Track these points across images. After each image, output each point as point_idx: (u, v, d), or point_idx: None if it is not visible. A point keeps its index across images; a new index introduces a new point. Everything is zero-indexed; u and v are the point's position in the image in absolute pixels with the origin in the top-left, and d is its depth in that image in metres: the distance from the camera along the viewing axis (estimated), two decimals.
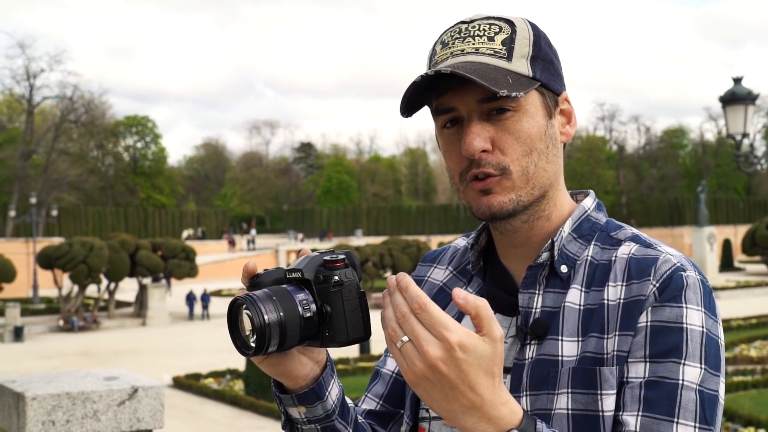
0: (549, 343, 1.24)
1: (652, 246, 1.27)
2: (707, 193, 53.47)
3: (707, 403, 1.16)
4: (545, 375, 1.22)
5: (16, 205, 63.84)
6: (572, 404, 1.20)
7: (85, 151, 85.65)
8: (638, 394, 1.17)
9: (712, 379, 1.18)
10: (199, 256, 50.80)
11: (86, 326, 37.39)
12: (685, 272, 1.21)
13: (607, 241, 1.30)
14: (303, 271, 1.15)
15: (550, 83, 1.28)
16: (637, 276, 1.23)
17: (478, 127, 1.24)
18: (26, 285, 49.02)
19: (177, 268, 42.54)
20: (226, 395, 20.32)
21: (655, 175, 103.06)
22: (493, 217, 1.27)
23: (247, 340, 1.11)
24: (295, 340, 1.11)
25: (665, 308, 1.19)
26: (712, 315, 1.21)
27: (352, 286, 1.15)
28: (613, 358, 1.19)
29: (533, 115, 1.26)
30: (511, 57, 1.25)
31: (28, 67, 75.53)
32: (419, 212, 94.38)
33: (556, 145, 1.30)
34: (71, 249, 37.41)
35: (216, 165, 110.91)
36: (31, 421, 2.97)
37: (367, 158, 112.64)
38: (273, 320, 1.09)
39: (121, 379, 3.20)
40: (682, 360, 1.16)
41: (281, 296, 1.11)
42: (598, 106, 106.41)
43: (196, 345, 30.54)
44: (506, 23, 1.28)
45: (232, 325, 1.13)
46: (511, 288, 1.33)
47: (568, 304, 1.26)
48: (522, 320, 1.28)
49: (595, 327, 1.22)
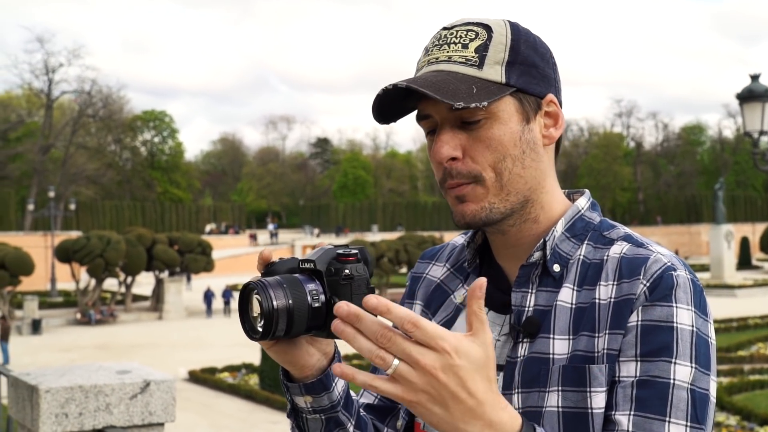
0: (540, 342, 1.25)
1: (643, 245, 1.27)
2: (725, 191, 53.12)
3: (698, 402, 1.17)
4: (536, 373, 1.24)
5: (35, 198, 64.23)
6: (563, 402, 1.21)
7: (102, 145, 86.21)
8: (630, 394, 1.18)
9: (703, 378, 1.18)
10: (215, 250, 51.04)
11: (103, 320, 37.65)
12: (675, 272, 1.22)
13: (600, 241, 1.31)
14: (316, 263, 1.17)
15: (529, 87, 1.28)
16: (628, 275, 1.23)
17: (448, 135, 1.26)
18: (44, 278, 49.40)
19: (193, 262, 42.74)
20: (242, 389, 20.41)
21: (673, 172, 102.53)
22: (468, 225, 1.29)
23: (255, 324, 1.13)
24: (302, 328, 1.13)
25: (656, 307, 1.20)
26: (703, 314, 1.22)
27: (362, 281, 1.16)
28: (603, 356, 1.20)
29: (506, 121, 1.26)
30: (482, 64, 1.25)
31: (47, 61, 76.12)
32: (435, 208, 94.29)
33: (535, 149, 1.29)
34: (89, 243, 37.66)
35: (233, 160, 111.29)
36: (44, 414, 3.01)
37: (383, 154, 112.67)
38: (281, 306, 1.11)
39: (133, 372, 3.23)
40: (672, 359, 1.17)
41: (292, 284, 1.14)
42: (616, 103, 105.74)
43: (212, 339, 30.69)
44: (484, 29, 1.28)
45: (242, 308, 1.16)
46: (505, 286, 1.34)
47: (559, 302, 1.27)
48: (515, 318, 1.29)
49: (586, 325, 1.23)
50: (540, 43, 1.32)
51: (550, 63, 1.33)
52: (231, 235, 79.67)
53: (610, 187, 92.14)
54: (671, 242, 77.41)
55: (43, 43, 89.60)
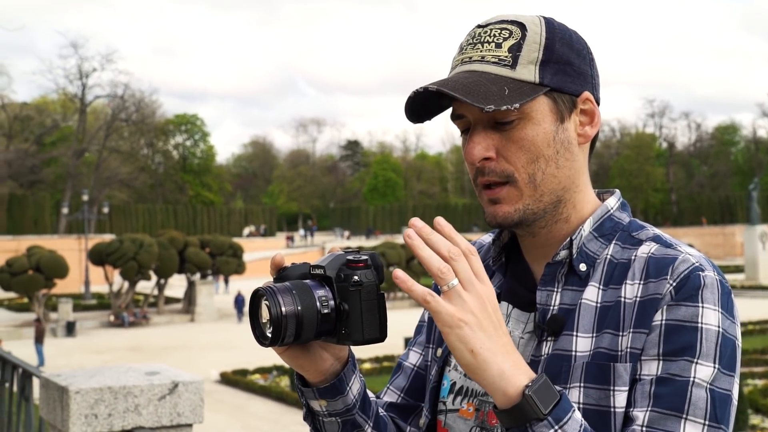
0: (564, 339, 1.25)
1: (672, 246, 1.26)
2: (760, 191, 52.48)
3: (718, 402, 1.15)
4: (558, 370, 1.23)
5: (69, 202, 65.03)
6: (584, 398, 1.20)
7: (135, 149, 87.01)
8: (648, 390, 1.17)
9: (725, 379, 1.17)
10: (247, 253, 51.29)
11: (136, 322, 38.00)
12: (703, 272, 1.20)
13: (628, 241, 1.29)
14: (326, 269, 1.17)
15: (564, 86, 1.27)
16: (655, 275, 1.22)
17: (480, 136, 1.26)
18: (78, 281, 49.95)
19: (224, 264, 42.99)
20: (273, 391, 20.50)
21: (706, 172, 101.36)
22: (500, 225, 1.29)
23: (265, 330, 1.14)
24: (311, 333, 1.13)
25: (681, 307, 1.18)
26: (730, 316, 1.20)
27: (372, 288, 1.16)
28: (626, 354, 1.19)
29: (539, 122, 1.25)
30: (515, 64, 1.24)
31: (80, 66, 77.11)
32: (466, 210, 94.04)
33: (569, 149, 1.29)
34: (122, 246, 38.03)
35: (263, 163, 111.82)
36: (74, 414, 3.03)
37: (413, 156, 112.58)
38: (290, 312, 1.11)
39: (162, 374, 3.25)
40: (695, 359, 1.16)
41: (301, 290, 1.14)
42: (648, 103, 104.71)
43: (243, 341, 30.82)
44: (518, 27, 1.27)
45: (253, 314, 1.16)
46: (531, 285, 1.33)
47: (584, 301, 1.26)
48: (539, 317, 1.28)
49: (611, 323, 1.22)
50: (576, 38, 1.31)
51: (586, 59, 1.31)
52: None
53: (643, 188, 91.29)
54: (705, 243, 76.51)
55: (77, 49, 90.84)
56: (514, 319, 1.33)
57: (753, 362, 21.43)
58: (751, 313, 30.66)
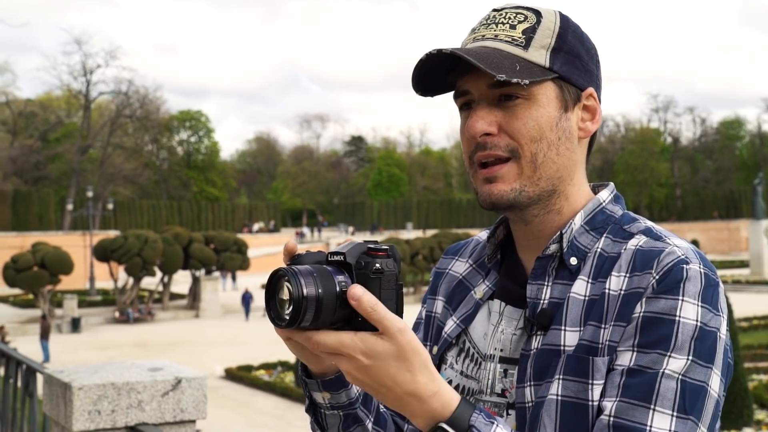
0: (553, 333, 1.24)
1: (661, 238, 1.25)
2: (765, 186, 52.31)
3: (689, 393, 1.13)
4: (547, 364, 1.22)
5: (74, 198, 65.10)
6: (562, 390, 1.19)
7: (139, 145, 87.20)
8: (618, 381, 1.16)
9: (700, 370, 1.15)
10: (251, 249, 51.33)
11: (141, 318, 38.07)
12: (687, 264, 1.19)
13: (620, 234, 1.29)
14: (346, 255, 1.15)
15: (571, 77, 1.28)
16: (641, 268, 1.21)
17: (484, 111, 1.26)
18: (83, 277, 50.07)
19: (229, 260, 43.04)
20: (277, 387, 20.52)
21: (711, 167, 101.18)
22: (494, 205, 1.27)
23: (282, 312, 1.12)
24: (329, 317, 1.11)
25: (660, 300, 1.17)
26: (713, 309, 1.18)
27: (392, 276, 1.15)
28: (606, 348, 1.19)
29: (544, 105, 1.25)
30: (528, 46, 1.25)
31: (84, 63, 77.10)
32: (470, 205, 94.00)
33: (570, 139, 1.29)
34: (126, 242, 38.08)
35: (267, 159, 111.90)
36: (77, 411, 3.03)
37: (417, 151, 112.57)
38: (311, 294, 1.09)
39: (165, 370, 3.25)
40: (668, 352, 1.15)
41: (321, 274, 1.12)
42: (652, 98, 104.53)
43: (248, 337, 30.88)
44: (533, 13, 1.28)
45: (270, 294, 1.14)
46: (523, 280, 1.33)
47: (573, 294, 1.25)
48: (530, 311, 1.28)
49: (595, 316, 1.22)
50: (587, 38, 1.32)
51: (594, 59, 1.32)
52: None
53: (647, 183, 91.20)
54: (710, 238, 76.39)
55: (81, 45, 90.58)
56: (507, 317, 1.33)
57: (758, 357, 21.37)
58: (756, 308, 30.59)
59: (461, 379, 1.36)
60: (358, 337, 1.07)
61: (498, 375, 1.31)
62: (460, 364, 1.37)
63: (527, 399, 1.23)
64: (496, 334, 1.33)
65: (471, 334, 1.37)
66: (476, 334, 1.36)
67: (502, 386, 1.30)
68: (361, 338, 1.07)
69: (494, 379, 1.31)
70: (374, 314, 1.06)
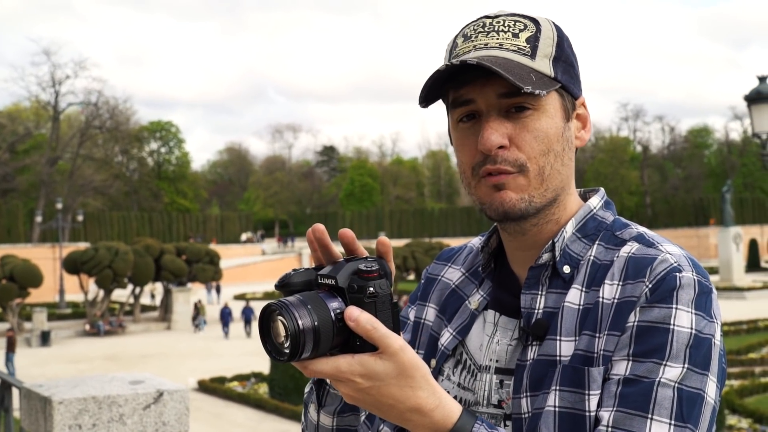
0: (548, 344, 1.23)
1: (653, 245, 1.24)
2: (733, 193, 52.98)
3: (686, 401, 1.13)
4: (543, 375, 1.22)
5: (43, 210, 64.41)
6: (559, 402, 1.19)
7: (109, 156, 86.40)
8: (615, 391, 1.15)
9: (696, 378, 1.15)
10: (224, 260, 51.01)
11: (112, 330, 37.68)
12: (680, 273, 1.19)
13: (612, 241, 1.28)
14: (337, 280, 1.13)
15: (569, 86, 1.27)
16: (633, 276, 1.21)
17: (496, 123, 1.23)
18: (53, 290, 49.49)
19: (201, 272, 42.76)
20: (251, 398, 20.40)
21: (680, 175, 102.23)
22: (506, 215, 1.25)
23: (281, 347, 1.10)
24: (327, 347, 1.10)
25: (654, 309, 1.17)
26: (707, 316, 1.18)
27: (386, 298, 1.13)
28: (600, 357, 1.18)
29: (552, 115, 1.25)
30: (534, 55, 1.24)
31: (53, 73, 76.37)
32: (442, 214, 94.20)
33: (571, 148, 1.29)
34: (97, 254, 37.71)
35: (239, 169, 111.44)
36: (58, 425, 2.99)
37: (389, 161, 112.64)
38: (307, 326, 1.08)
39: (146, 382, 3.21)
40: (664, 361, 1.14)
41: (314, 303, 1.10)
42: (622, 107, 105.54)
43: (221, 349, 30.68)
44: (531, 21, 1.27)
45: (264, 330, 1.13)
46: (517, 290, 1.32)
47: (567, 304, 1.24)
48: (524, 321, 1.27)
49: (589, 325, 1.21)
50: (573, 46, 1.32)
51: (578, 68, 1.33)
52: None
53: (618, 191, 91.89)
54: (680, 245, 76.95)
55: (49, 56, 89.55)
56: (502, 327, 1.32)
57: (728, 363, 21.58)
58: (725, 314, 30.94)
59: (458, 390, 1.35)
60: (355, 360, 1.07)
61: (494, 386, 1.30)
62: (457, 375, 1.36)
63: (524, 410, 1.23)
64: (491, 345, 1.32)
65: (467, 345, 1.36)
66: (472, 345, 1.35)
67: (498, 397, 1.29)
68: (359, 361, 1.07)
69: (490, 390, 1.30)
70: (374, 332, 1.06)
